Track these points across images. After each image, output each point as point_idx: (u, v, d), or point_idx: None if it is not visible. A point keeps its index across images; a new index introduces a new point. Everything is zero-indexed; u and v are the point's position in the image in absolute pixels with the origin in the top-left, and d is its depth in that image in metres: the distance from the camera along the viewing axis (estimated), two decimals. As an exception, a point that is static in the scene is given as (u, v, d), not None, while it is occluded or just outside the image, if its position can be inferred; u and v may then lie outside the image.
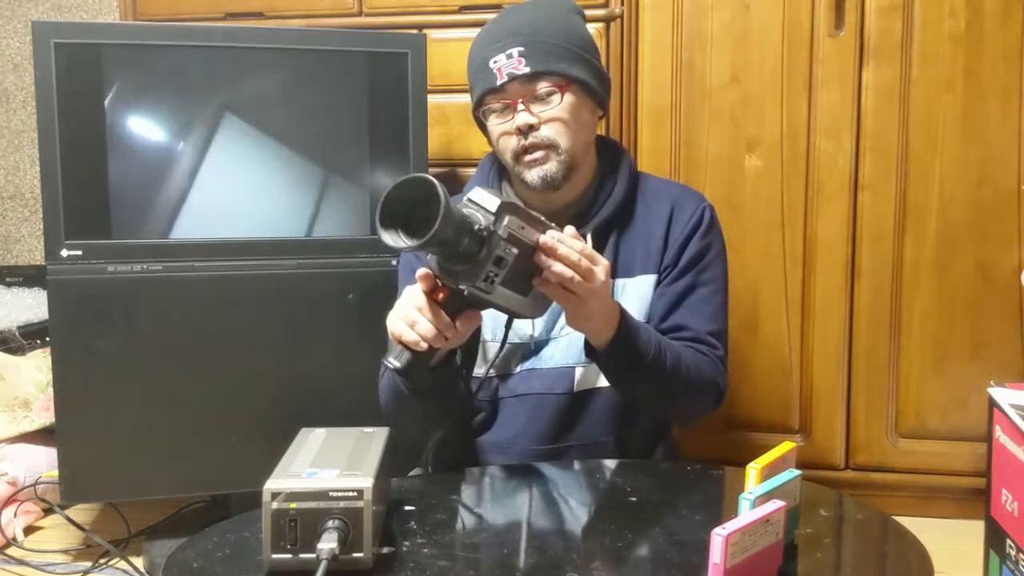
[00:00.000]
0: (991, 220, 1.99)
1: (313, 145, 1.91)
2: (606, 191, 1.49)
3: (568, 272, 1.18)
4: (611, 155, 1.54)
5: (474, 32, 2.12)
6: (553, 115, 1.40)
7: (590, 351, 1.35)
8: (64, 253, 1.80)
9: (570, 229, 1.22)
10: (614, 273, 1.44)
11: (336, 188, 1.94)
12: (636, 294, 1.46)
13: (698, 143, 2.07)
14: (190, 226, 1.87)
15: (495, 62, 1.40)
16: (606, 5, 2.09)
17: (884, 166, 2.02)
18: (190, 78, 1.85)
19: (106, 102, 1.79)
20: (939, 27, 1.96)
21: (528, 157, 1.41)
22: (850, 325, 2.07)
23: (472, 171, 2.15)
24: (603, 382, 1.45)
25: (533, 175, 1.41)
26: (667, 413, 1.50)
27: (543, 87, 1.39)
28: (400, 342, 1.21)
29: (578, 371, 1.46)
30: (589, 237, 1.44)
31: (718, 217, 1.54)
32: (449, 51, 2.15)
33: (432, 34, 2.09)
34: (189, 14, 2.23)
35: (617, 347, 1.31)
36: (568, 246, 1.18)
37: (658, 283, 1.48)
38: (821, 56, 2.01)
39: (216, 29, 1.96)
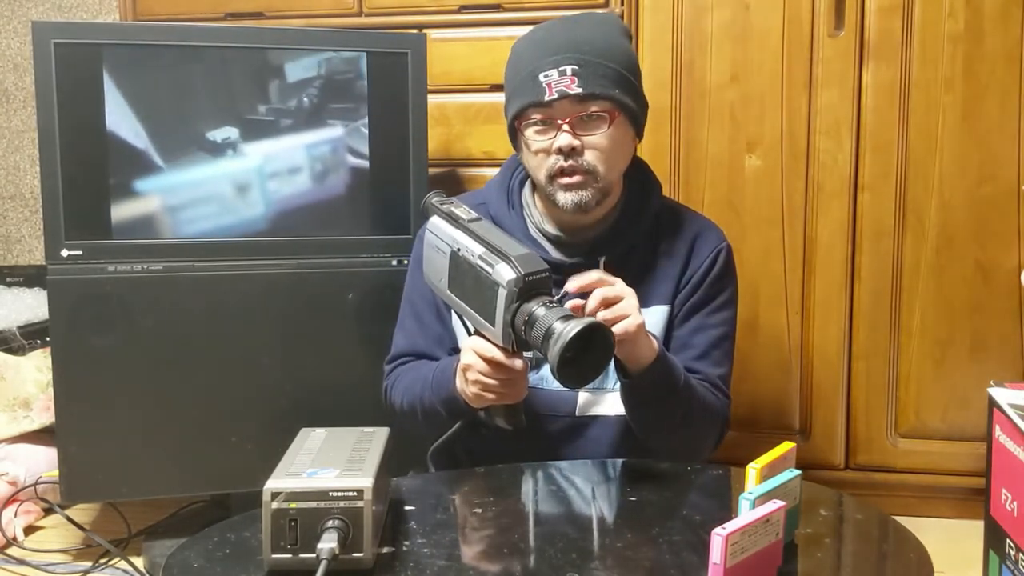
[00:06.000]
0: (991, 220, 1.99)
1: (313, 145, 1.91)
2: (631, 220, 1.47)
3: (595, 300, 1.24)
4: (642, 179, 1.51)
5: (474, 32, 2.17)
6: (597, 142, 1.37)
7: (625, 376, 1.34)
8: (64, 253, 1.80)
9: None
10: None
11: (336, 188, 1.94)
12: (649, 324, 1.42)
13: (698, 143, 2.07)
14: (190, 226, 1.87)
15: (546, 76, 1.35)
16: (606, 5, 2.10)
17: (884, 166, 2.02)
18: (190, 78, 1.85)
19: (106, 102, 1.79)
20: (939, 27, 1.96)
21: (565, 180, 1.37)
22: (850, 325, 2.07)
23: (473, 171, 2.18)
24: (606, 409, 1.45)
25: (567, 199, 1.38)
26: (672, 446, 1.45)
27: (593, 111, 1.36)
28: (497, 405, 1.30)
29: (582, 395, 1.45)
30: (602, 263, 1.43)
31: (733, 252, 1.54)
32: (449, 51, 2.15)
33: (432, 34, 2.09)
34: (189, 14, 2.23)
35: (657, 368, 1.31)
36: (581, 281, 1.26)
37: (670, 316, 1.47)
38: (821, 56, 2.01)
39: (216, 29, 1.96)
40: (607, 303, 1.26)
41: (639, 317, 1.27)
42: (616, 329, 1.23)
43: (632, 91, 1.40)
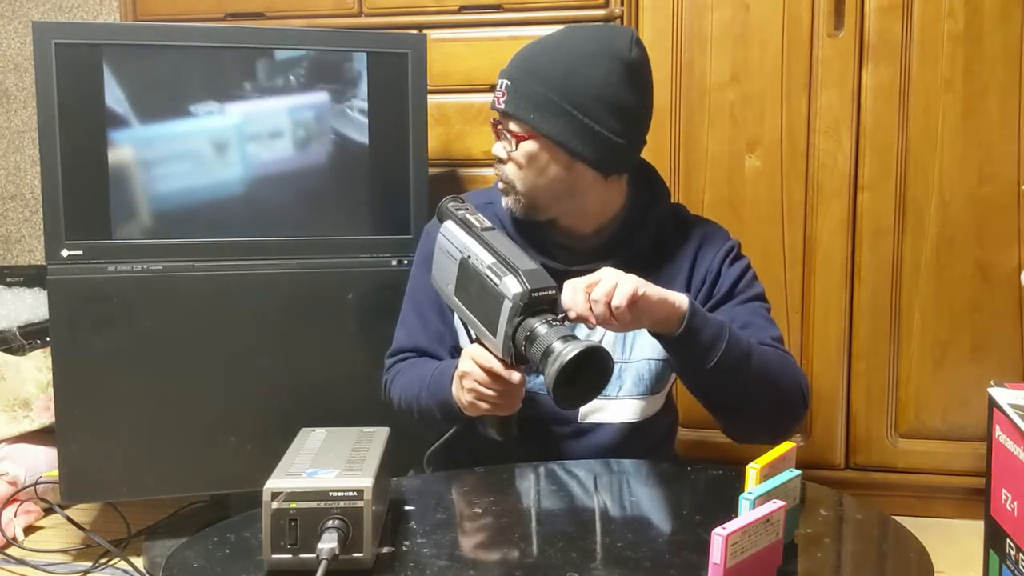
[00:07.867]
0: (991, 220, 1.99)
1: (313, 145, 1.92)
2: (634, 226, 1.46)
3: (582, 307, 1.20)
4: (647, 186, 1.50)
5: (474, 32, 2.17)
6: (514, 157, 1.39)
7: (667, 344, 1.31)
8: (64, 253, 1.80)
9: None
10: None
11: (336, 188, 1.94)
12: None
13: (698, 143, 2.07)
14: (190, 226, 1.87)
15: (497, 85, 1.40)
16: (606, 5, 2.10)
17: (884, 166, 2.02)
18: (190, 78, 1.85)
19: (106, 102, 1.80)
20: (939, 27, 1.96)
21: (499, 184, 1.43)
22: (850, 325, 2.07)
23: (473, 171, 2.18)
24: (608, 417, 1.44)
25: (504, 200, 1.43)
26: (751, 418, 1.39)
27: (511, 128, 1.38)
28: (491, 415, 1.29)
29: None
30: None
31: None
32: (449, 51, 2.15)
33: (432, 34, 2.09)
34: (189, 14, 2.23)
35: (696, 319, 1.26)
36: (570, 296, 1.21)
37: None
38: (821, 56, 2.01)
39: (216, 29, 1.96)
40: (588, 291, 1.21)
41: (628, 279, 1.21)
42: (616, 302, 1.18)
43: (564, 120, 1.35)
